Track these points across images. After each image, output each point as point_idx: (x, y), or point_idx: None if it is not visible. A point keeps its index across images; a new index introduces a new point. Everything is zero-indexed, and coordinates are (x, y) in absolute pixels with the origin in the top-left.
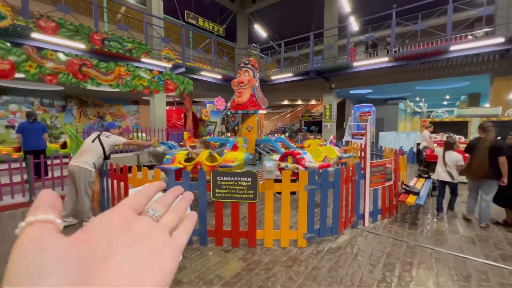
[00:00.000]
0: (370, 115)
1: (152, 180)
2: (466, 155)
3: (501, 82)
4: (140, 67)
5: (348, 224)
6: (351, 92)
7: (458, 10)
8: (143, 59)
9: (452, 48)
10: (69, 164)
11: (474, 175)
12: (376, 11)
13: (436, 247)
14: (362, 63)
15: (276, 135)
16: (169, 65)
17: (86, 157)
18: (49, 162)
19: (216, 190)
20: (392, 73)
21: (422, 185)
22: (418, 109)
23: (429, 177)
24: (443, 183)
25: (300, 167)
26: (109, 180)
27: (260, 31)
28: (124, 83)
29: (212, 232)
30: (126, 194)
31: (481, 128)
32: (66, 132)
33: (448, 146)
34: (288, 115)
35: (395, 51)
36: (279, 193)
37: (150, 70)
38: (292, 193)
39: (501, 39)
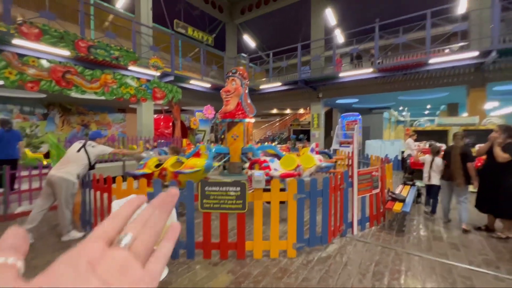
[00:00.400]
0: (356, 123)
1: (137, 191)
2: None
3: (476, 93)
4: (127, 75)
5: (337, 232)
6: (338, 101)
7: (436, 25)
8: (130, 67)
9: (431, 61)
10: (49, 174)
11: (451, 179)
12: (360, 25)
13: (422, 254)
14: (348, 74)
15: (266, 143)
16: (157, 73)
17: (71, 167)
18: (26, 173)
19: (204, 201)
20: (376, 83)
21: (407, 192)
22: (401, 118)
23: (413, 184)
24: (433, 187)
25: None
26: (92, 191)
27: (249, 41)
28: (110, 91)
29: (199, 245)
30: (109, 206)
31: (454, 136)
32: (47, 141)
33: (436, 153)
34: (277, 124)
35: (378, 63)
36: (269, 202)
37: (138, 78)
38: (281, 202)
39: (475, 53)
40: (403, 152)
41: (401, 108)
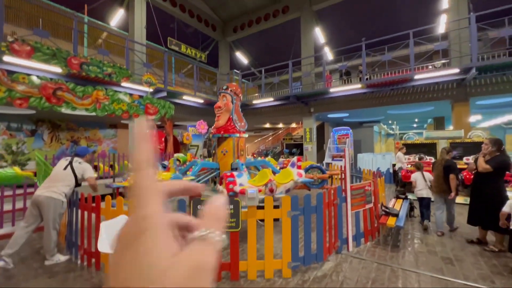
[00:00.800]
0: (348, 137)
1: (126, 212)
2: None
3: (460, 107)
4: (120, 91)
5: (332, 249)
6: (329, 116)
7: (419, 44)
8: (123, 84)
9: (416, 77)
10: (35, 194)
11: (435, 190)
12: (347, 43)
13: (419, 270)
14: (338, 89)
15: (259, 158)
16: (150, 89)
17: (59, 186)
18: (10, 192)
19: None
20: (365, 98)
21: (400, 206)
22: (391, 131)
23: (406, 198)
24: (424, 199)
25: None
26: (79, 211)
27: (242, 57)
28: (101, 107)
29: None
30: (97, 227)
31: (441, 151)
32: (34, 158)
33: (419, 168)
34: (270, 138)
35: (366, 79)
36: (262, 220)
37: (130, 94)
38: (275, 219)
39: (456, 70)
40: (394, 165)
41: (390, 121)
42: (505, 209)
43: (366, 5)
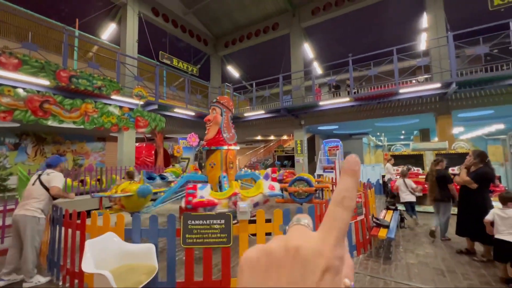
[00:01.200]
0: (338, 149)
1: (114, 229)
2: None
3: (443, 120)
4: (110, 104)
5: None
6: (319, 128)
7: (403, 60)
8: (113, 96)
9: (400, 91)
10: (14, 214)
11: (430, 199)
12: (335, 58)
13: (411, 282)
14: (327, 102)
15: (249, 170)
16: (141, 102)
17: (31, 203)
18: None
19: (187, 236)
20: (353, 111)
21: (391, 217)
22: (379, 143)
23: (396, 209)
24: (409, 203)
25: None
26: (63, 228)
27: (233, 71)
28: (90, 120)
29: (181, 285)
30: (82, 246)
31: (431, 163)
32: (16, 173)
33: (404, 175)
34: (262, 150)
35: (354, 92)
36: (254, 235)
37: (120, 107)
38: (267, 233)
39: (438, 85)
40: (383, 176)
41: (378, 133)
42: (488, 217)
43: (352, 22)
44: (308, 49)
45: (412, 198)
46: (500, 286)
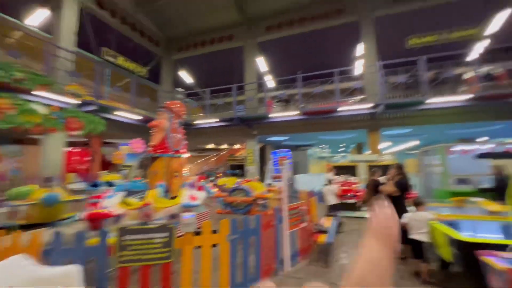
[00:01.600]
0: (287, 159)
1: (27, 249)
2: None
3: (373, 135)
4: (33, 101)
5: (271, 271)
6: (271, 139)
7: (343, 80)
8: (38, 92)
9: (339, 108)
10: None
11: (367, 204)
12: (287, 74)
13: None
14: (277, 115)
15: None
16: (75, 101)
17: None
18: None
19: (123, 253)
20: (301, 124)
21: (330, 223)
22: (323, 154)
23: (335, 215)
24: (333, 205)
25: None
26: None
27: (187, 76)
28: (5, 118)
29: None
30: None
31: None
32: None
33: (330, 182)
34: (214, 159)
35: (302, 107)
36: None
37: (48, 105)
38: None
39: (369, 105)
40: (326, 185)
41: (322, 146)
42: (403, 220)
43: (303, 43)
44: (261, 63)
45: (336, 200)
46: (411, 280)
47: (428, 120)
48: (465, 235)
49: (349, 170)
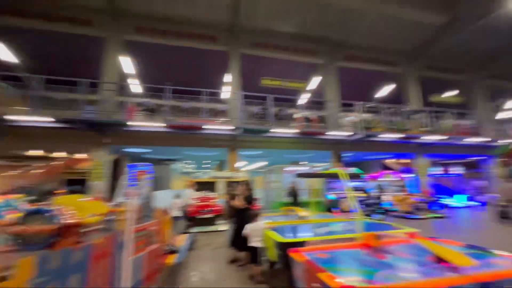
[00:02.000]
0: (146, 174)
1: None
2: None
3: (233, 154)
4: None
5: None
6: (128, 149)
7: (210, 101)
8: None
9: (205, 127)
10: None
11: (227, 217)
12: (156, 82)
13: None
14: (139, 124)
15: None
16: None
17: None
18: None
19: None
20: (167, 137)
21: (184, 241)
22: (187, 170)
23: (190, 232)
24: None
25: None
26: None
27: (8, 52)
28: None
29: None
30: None
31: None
32: None
33: (179, 196)
34: (40, 170)
35: (169, 119)
36: None
37: None
38: None
39: (231, 127)
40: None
41: (187, 161)
42: (245, 231)
43: (177, 57)
44: (128, 64)
45: (179, 214)
46: (247, 283)
47: (273, 145)
48: (282, 237)
49: (209, 186)
